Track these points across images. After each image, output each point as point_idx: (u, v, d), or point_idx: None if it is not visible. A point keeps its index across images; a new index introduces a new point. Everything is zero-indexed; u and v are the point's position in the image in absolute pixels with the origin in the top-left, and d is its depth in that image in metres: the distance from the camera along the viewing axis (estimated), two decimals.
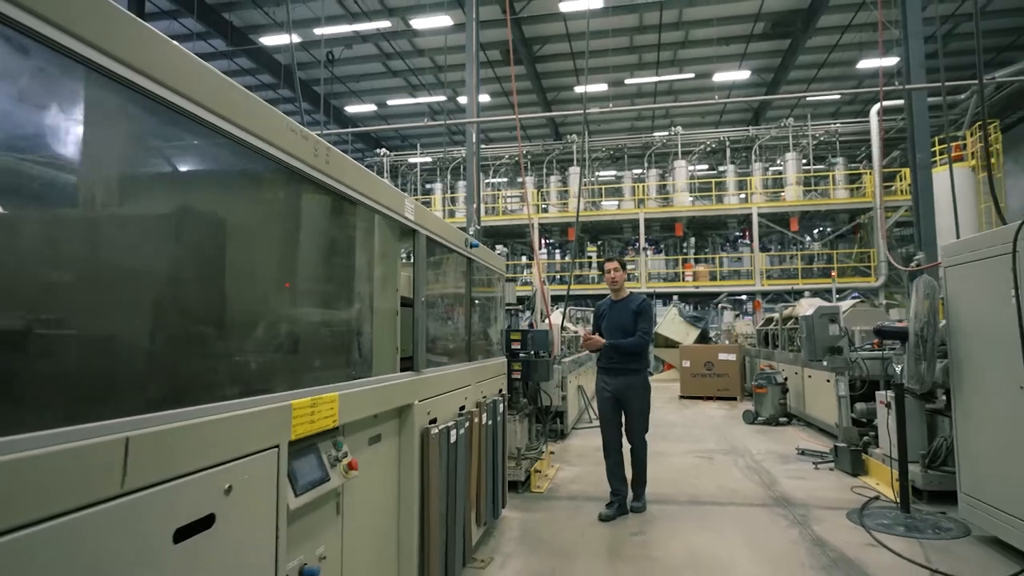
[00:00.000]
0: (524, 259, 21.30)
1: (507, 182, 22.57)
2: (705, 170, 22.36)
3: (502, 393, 4.25)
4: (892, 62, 14.99)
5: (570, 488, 5.21)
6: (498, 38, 16.72)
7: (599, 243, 21.37)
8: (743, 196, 19.16)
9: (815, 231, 20.89)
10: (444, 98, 20.47)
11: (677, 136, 19.62)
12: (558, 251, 21.76)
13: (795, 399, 8.62)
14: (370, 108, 21.84)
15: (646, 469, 4.64)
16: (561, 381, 7.12)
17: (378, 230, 2.35)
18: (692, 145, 20.02)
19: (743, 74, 18.71)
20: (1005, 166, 16.46)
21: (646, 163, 20.25)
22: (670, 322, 15.25)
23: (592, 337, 4.51)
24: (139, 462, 1.05)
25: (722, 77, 18.90)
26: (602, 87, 19.42)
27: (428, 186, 22.65)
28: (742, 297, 20.02)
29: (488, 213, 19.60)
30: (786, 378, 8.87)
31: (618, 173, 21.35)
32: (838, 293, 14.87)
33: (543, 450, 5.70)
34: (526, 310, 8.14)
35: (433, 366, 2.84)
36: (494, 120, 18.05)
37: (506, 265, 5.24)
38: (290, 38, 5.75)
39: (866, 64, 17.31)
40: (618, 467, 4.52)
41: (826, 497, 4.86)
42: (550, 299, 9.00)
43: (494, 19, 15.48)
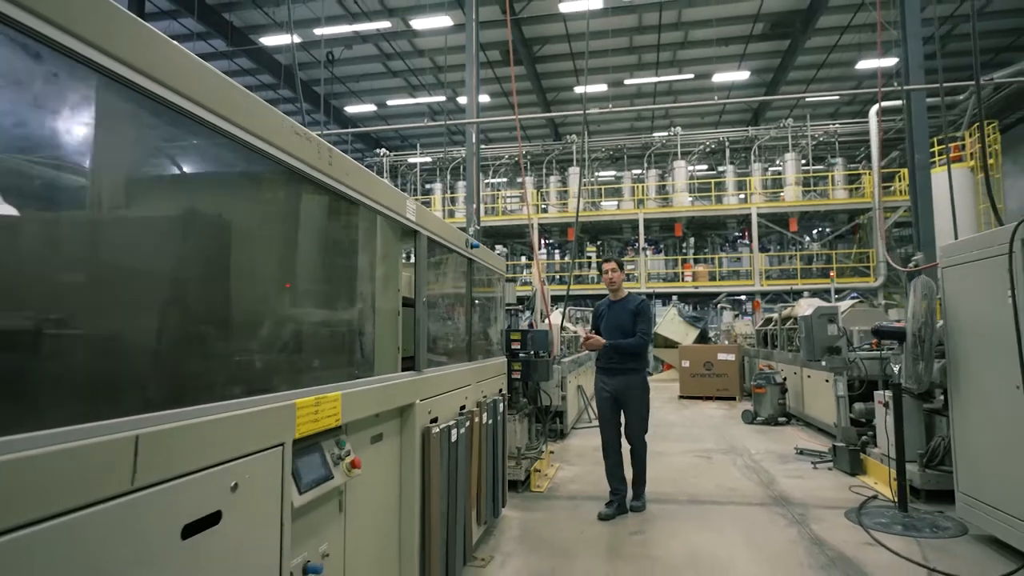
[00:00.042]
0: (524, 259, 21.31)
1: (507, 182, 22.59)
2: (704, 170, 22.39)
3: (502, 393, 4.27)
4: (891, 63, 15.01)
5: (570, 487, 5.23)
6: (498, 38, 16.74)
7: (599, 243, 21.39)
8: (742, 196, 19.19)
9: (814, 231, 20.92)
10: (444, 98, 20.48)
11: (676, 136, 19.65)
12: (558, 251, 21.77)
13: (794, 399, 8.64)
14: (370, 108, 21.85)
15: (646, 469, 4.66)
16: (561, 381, 7.14)
17: (380, 231, 2.37)
18: (691, 145, 20.05)
19: (742, 75, 18.74)
20: (1004, 167, 16.49)
21: (645, 163, 20.27)
22: (669, 322, 15.26)
23: (593, 337, 4.54)
24: (148, 459, 1.07)
25: (721, 78, 18.93)
26: (602, 87, 19.44)
27: (428, 186, 22.66)
28: (741, 297, 20.05)
29: (488, 213, 19.62)
30: (785, 378, 8.89)
31: (618, 173, 21.38)
32: (837, 293, 14.89)
33: (543, 450, 5.72)
34: (526, 310, 8.16)
35: (434, 366, 2.86)
36: (494, 120, 18.08)
37: (506, 265, 5.25)
38: (291, 38, 5.76)
39: (865, 65, 17.33)
40: (617, 467, 4.54)
41: (824, 496, 4.88)
42: (550, 299, 9.02)
43: (494, 19, 15.50)
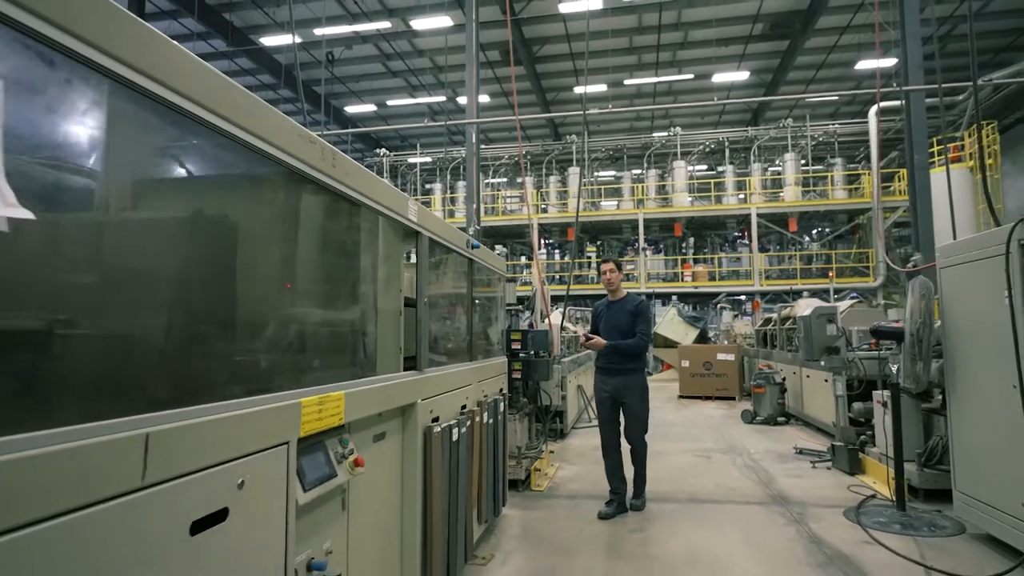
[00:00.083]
0: (523, 259, 21.33)
1: (507, 182, 22.61)
2: (704, 170, 22.42)
3: (503, 392, 4.30)
4: (891, 63, 15.04)
5: (570, 487, 5.25)
6: (498, 39, 16.76)
7: (598, 243, 21.41)
8: (742, 196, 19.22)
9: (814, 231, 20.95)
10: (444, 98, 20.50)
11: (676, 136, 19.67)
12: (557, 251, 21.79)
13: (793, 399, 8.66)
14: (370, 108, 21.87)
15: (646, 468, 4.68)
16: (561, 381, 7.16)
17: (382, 232, 2.39)
18: (691, 145, 20.08)
19: (742, 75, 18.76)
20: (1003, 167, 16.49)
21: (645, 163, 20.30)
22: (669, 322, 15.28)
23: (594, 338, 4.56)
24: (158, 457, 1.09)
25: (721, 78, 18.95)
26: (601, 88, 19.47)
27: (428, 186, 22.68)
28: (741, 297, 20.06)
29: (488, 213, 19.64)
30: (784, 378, 8.91)
31: (617, 173, 21.40)
32: (837, 293, 14.92)
33: (543, 449, 5.74)
34: (526, 310, 8.19)
35: (435, 366, 2.88)
36: (494, 121, 18.09)
37: (506, 266, 5.28)
38: (293, 38, 5.78)
39: (865, 65, 17.35)
40: (617, 466, 4.56)
41: (823, 495, 4.90)
42: (550, 299, 9.04)
43: (494, 20, 15.52)
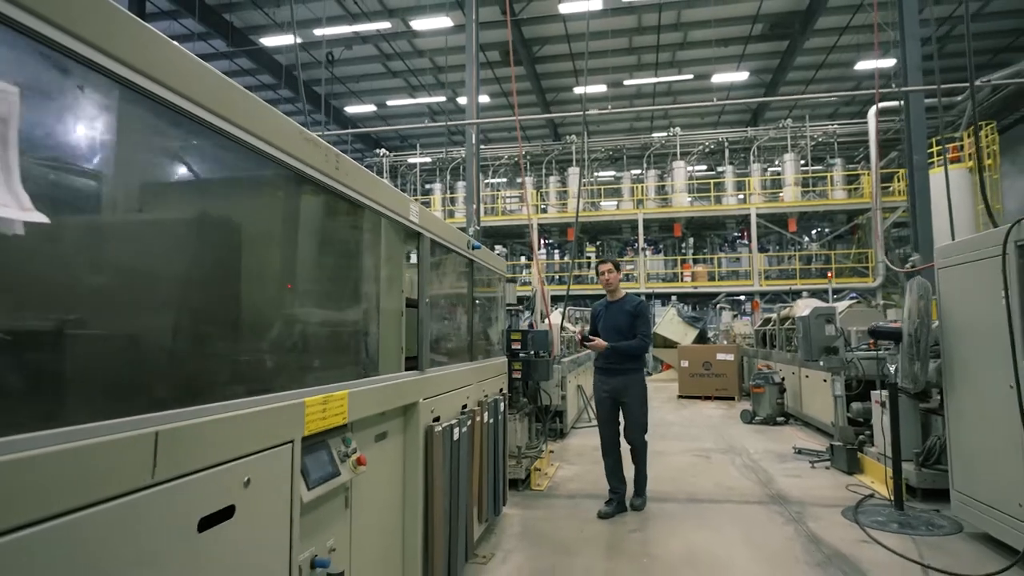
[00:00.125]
0: (523, 259, 21.36)
1: (506, 182, 22.64)
2: (704, 171, 22.46)
3: (503, 392, 4.32)
4: (890, 63, 15.06)
5: (569, 486, 5.27)
6: (498, 39, 16.79)
7: (598, 243, 21.44)
8: (741, 197, 19.25)
9: (813, 232, 20.99)
10: (444, 99, 20.53)
11: (676, 137, 19.71)
12: (557, 251, 21.83)
13: (792, 399, 8.69)
14: (370, 108, 21.89)
15: (646, 467, 4.69)
16: (560, 381, 7.18)
17: (384, 233, 2.41)
18: (691, 146, 20.11)
19: (742, 75, 18.79)
20: (1002, 167, 16.51)
21: (645, 164, 20.33)
22: (668, 322, 15.30)
23: (595, 340, 4.57)
24: (167, 455, 1.11)
25: (721, 78, 18.99)
26: (601, 88, 19.50)
27: (427, 186, 22.70)
28: (740, 297, 20.11)
29: (487, 213, 19.67)
30: (783, 378, 8.94)
31: (617, 174, 21.43)
32: (836, 294, 14.94)
33: (543, 449, 5.76)
34: (526, 310, 8.21)
35: (437, 366, 2.90)
36: (494, 121, 18.11)
37: (506, 266, 5.30)
38: (295, 38, 5.80)
39: (864, 65, 17.39)
40: (616, 466, 4.58)
41: (822, 495, 4.93)
42: (549, 299, 9.06)
43: (494, 20, 15.55)
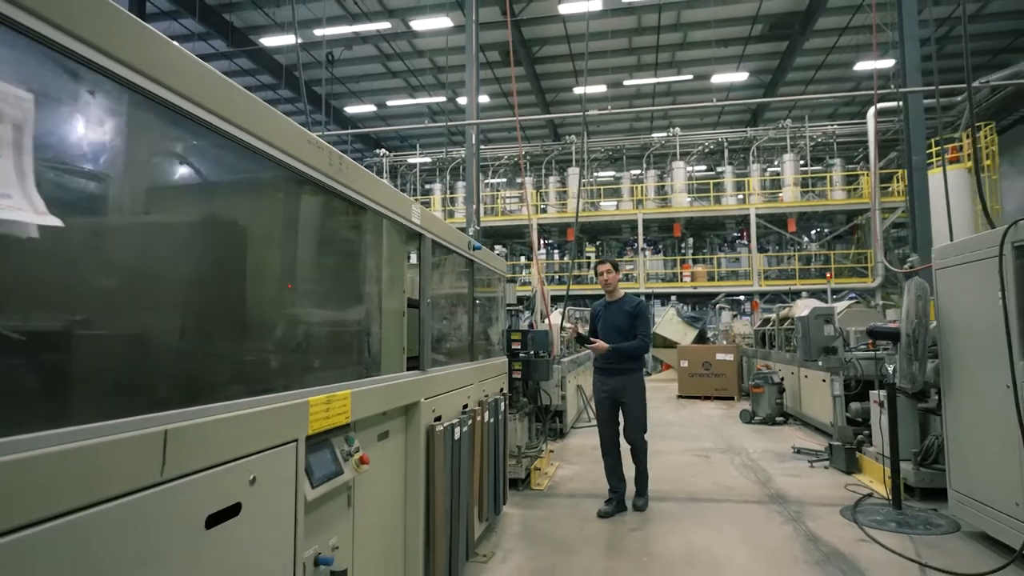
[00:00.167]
0: (523, 259, 21.38)
1: (506, 182, 22.66)
2: (703, 171, 22.47)
3: (503, 392, 4.34)
4: (889, 64, 15.08)
5: (569, 486, 5.30)
6: (498, 39, 16.81)
7: (598, 243, 21.46)
8: (741, 197, 19.27)
9: (812, 232, 21.01)
10: (444, 99, 20.55)
11: (675, 137, 19.73)
12: (557, 251, 21.85)
13: (791, 399, 8.71)
14: (370, 109, 21.91)
15: (647, 467, 4.69)
16: (560, 381, 7.20)
17: (386, 234, 2.43)
18: (690, 146, 20.14)
19: (741, 75, 18.82)
20: (1001, 168, 16.54)
21: (644, 164, 20.36)
22: (668, 322, 15.32)
23: (596, 343, 4.58)
24: (176, 453, 1.13)
25: (720, 78, 19.01)
26: (601, 88, 19.52)
27: (427, 186, 22.72)
28: (740, 297, 20.13)
29: (487, 213, 19.69)
30: (782, 378, 8.96)
31: (617, 174, 21.46)
32: (835, 294, 14.96)
33: (543, 448, 5.78)
34: (526, 310, 8.23)
35: (438, 366, 2.93)
36: (494, 122, 18.14)
37: (506, 266, 5.32)
38: (296, 39, 5.82)
39: (863, 66, 17.42)
40: (616, 466, 4.60)
41: (820, 494, 4.95)
42: (549, 299, 9.09)
43: (494, 21, 15.57)
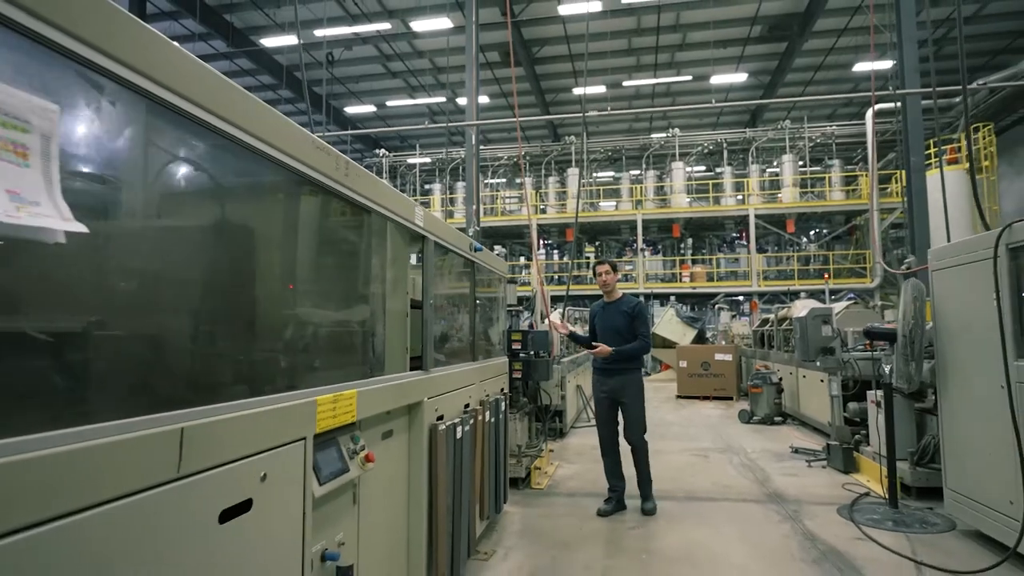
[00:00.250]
0: (523, 260, 21.42)
1: (506, 183, 22.70)
2: (702, 172, 22.54)
3: (504, 392, 4.38)
4: (888, 65, 15.12)
5: (569, 485, 5.34)
6: (498, 40, 16.84)
7: (597, 244, 21.52)
8: (740, 198, 19.33)
9: (811, 232, 21.06)
10: (443, 99, 20.58)
11: (675, 138, 19.79)
12: (556, 252, 21.90)
13: (790, 399, 8.76)
14: (370, 109, 21.93)
15: (649, 468, 4.64)
16: (560, 381, 7.24)
17: (390, 236, 2.47)
18: (690, 147, 20.19)
19: (740, 76, 18.86)
20: (999, 168, 16.58)
21: (644, 164, 20.41)
22: (667, 323, 15.36)
23: (599, 347, 4.58)
24: (191, 450, 1.17)
25: (719, 79, 19.05)
26: (600, 89, 19.56)
27: (427, 187, 22.76)
28: (739, 298, 20.18)
29: (487, 214, 19.73)
30: (781, 378, 9.00)
31: (616, 174, 21.52)
32: (834, 294, 15.01)
33: (543, 448, 5.82)
34: (526, 311, 8.27)
35: (440, 366, 2.97)
36: (494, 123, 18.18)
37: (507, 267, 5.36)
38: (298, 39, 5.84)
39: (862, 67, 17.47)
40: (615, 465, 4.63)
41: (818, 493, 4.99)
42: (549, 300, 9.12)
43: (494, 22, 15.60)
